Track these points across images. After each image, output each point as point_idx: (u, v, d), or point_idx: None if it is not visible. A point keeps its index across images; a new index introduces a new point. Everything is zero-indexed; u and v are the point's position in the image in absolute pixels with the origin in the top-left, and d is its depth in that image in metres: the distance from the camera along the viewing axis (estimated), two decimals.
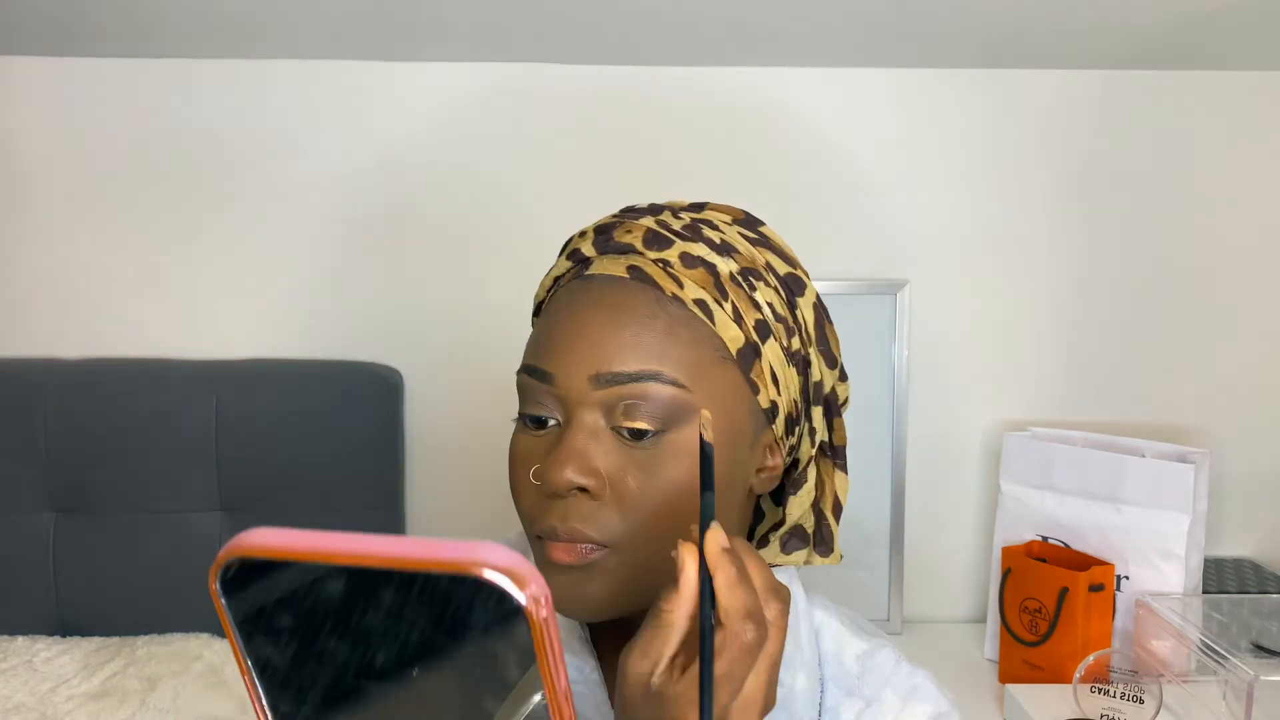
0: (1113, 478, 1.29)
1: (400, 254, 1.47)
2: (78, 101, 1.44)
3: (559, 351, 0.55)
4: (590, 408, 0.54)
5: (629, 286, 0.56)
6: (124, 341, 1.47)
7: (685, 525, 0.53)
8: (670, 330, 0.54)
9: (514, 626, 0.32)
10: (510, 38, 1.34)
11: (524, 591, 0.31)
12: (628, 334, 0.54)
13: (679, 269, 0.56)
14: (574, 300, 0.57)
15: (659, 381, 0.53)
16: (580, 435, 0.53)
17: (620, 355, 0.53)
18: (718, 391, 0.55)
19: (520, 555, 0.32)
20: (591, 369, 0.53)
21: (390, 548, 0.32)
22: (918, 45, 1.37)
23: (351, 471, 1.39)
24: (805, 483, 0.62)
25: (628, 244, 0.57)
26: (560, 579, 0.54)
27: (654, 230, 0.57)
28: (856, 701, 0.62)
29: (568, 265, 0.60)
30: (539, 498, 0.55)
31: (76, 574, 1.37)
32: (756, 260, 0.58)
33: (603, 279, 0.57)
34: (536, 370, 0.56)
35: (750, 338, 0.56)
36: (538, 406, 0.56)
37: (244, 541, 0.33)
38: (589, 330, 0.54)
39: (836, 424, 0.63)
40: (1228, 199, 1.49)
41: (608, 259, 0.58)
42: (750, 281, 0.57)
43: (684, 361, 0.54)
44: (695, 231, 0.58)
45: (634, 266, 0.56)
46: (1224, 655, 1.08)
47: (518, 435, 0.58)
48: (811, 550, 0.63)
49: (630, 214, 0.61)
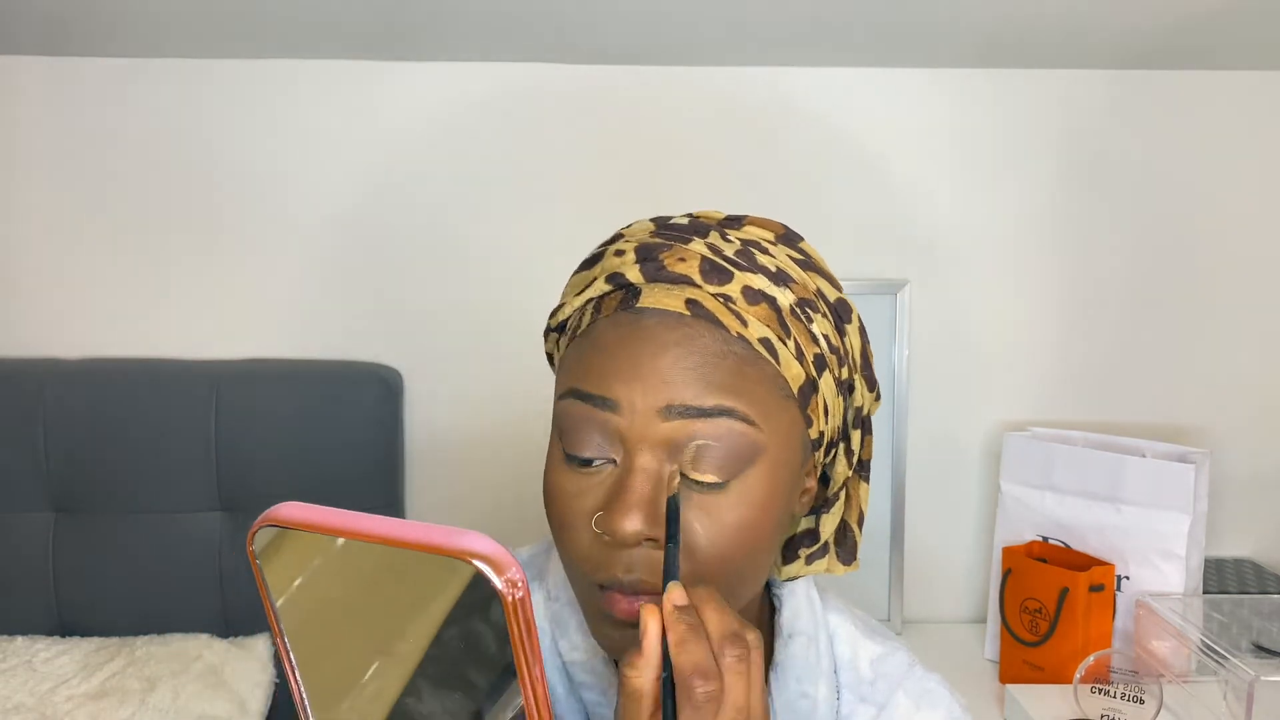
0: (1113, 478, 1.29)
1: (400, 254, 1.47)
2: (78, 101, 1.44)
3: (622, 380, 0.51)
4: (654, 446, 0.51)
5: (691, 325, 0.52)
6: (124, 341, 1.47)
7: (746, 567, 0.53)
8: (739, 369, 0.52)
9: (494, 609, 0.36)
10: (510, 38, 1.34)
11: (501, 577, 0.36)
12: (697, 371, 0.51)
13: (742, 305, 0.53)
14: (629, 334, 0.53)
15: (733, 418, 0.51)
16: (644, 478, 0.51)
17: (693, 389, 0.51)
18: (782, 431, 0.53)
19: (500, 546, 0.37)
20: (662, 400, 0.50)
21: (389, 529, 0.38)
22: (918, 45, 1.37)
23: (351, 471, 1.39)
24: (837, 500, 0.61)
25: (683, 275, 0.53)
26: (625, 633, 0.52)
27: (709, 260, 0.54)
28: (870, 707, 0.62)
29: (607, 288, 0.55)
30: (599, 545, 0.52)
31: (76, 574, 1.37)
32: (809, 288, 0.56)
33: (659, 314, 0.53)
34: (594, 397, 0.52)
35: (810, 374, 0.54)
36: (590, 444, 0.52)
37: (276, 513, 0.40)
38: (653, 364, 0.51)
39: (867, 440, 0.62)
40: (1228, 199, 1.49)
41: (660, 290, 0.53)
42: (808, 314, 0.55)
43: (754, 400, 0.52)
44: (749, 259, 0.55)
45: (694, 301, 0.53)
46: (1224, 655, 1.08)
47: (560, 471, 0.54)
48: (833, 559, 0.63)
49: (673, 232, 0.56)
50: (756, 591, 0.57)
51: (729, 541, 0.52)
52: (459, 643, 0.39)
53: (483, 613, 0.37)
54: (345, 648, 0.42)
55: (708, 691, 0.44)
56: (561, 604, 0.64)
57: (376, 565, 0.39)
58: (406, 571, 0.38)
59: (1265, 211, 1.49)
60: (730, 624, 0.47)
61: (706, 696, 0.44)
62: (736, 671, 0.45)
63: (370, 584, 0.40)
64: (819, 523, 0.62)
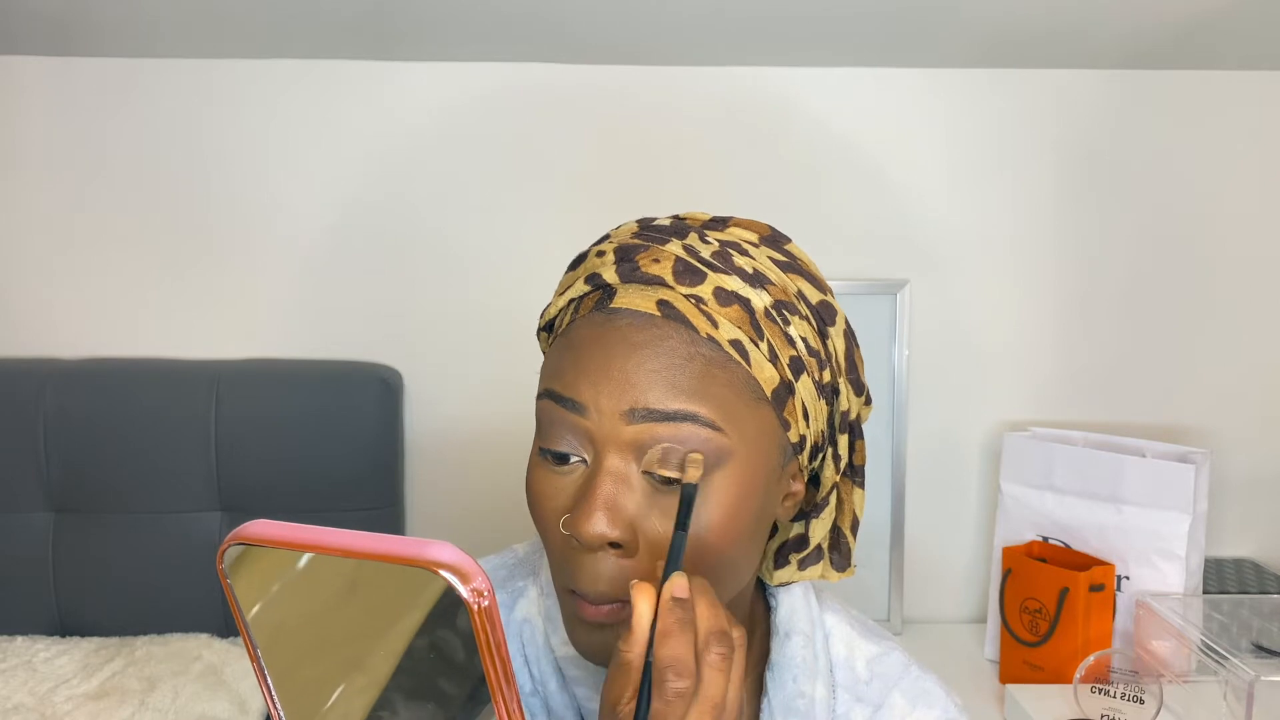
0: (1113, 478, 1.28)
1: (400, 254, 1.47)
2: (78, 101, 1.44)
3: (589, 382, 0.52)
4: (621, 448, 0.51)
5: (661, 325, 0.52)
6: (124, 341, 1.47)
7: (720, 569, 0.53)
8: (707, 372, 0.52)
9: (461, 618, 0.37)
10: (510, 38, 1.34)
11: (467, 586, 0.36)
12: (663, 373, 0.51)
13: (713, 307, 0.53)
14: (601, 334, 0.53)
15: (696, 423, 0.51)
16: (610, 481, 0.51)
17: (656, 392, 0.51)
18: (751, 433, 0.53)
19: (466, 555, 0.37)
20: (626, 404, 0.51)
21: (356, 542, 0.38)
22: (919, 45, 1.37)
23: (351, 471, 1.39)
24: (827, 505, 0.61)
25: (656, 276, 0.53)
26: (594, 637, 0.53)
27: (684, 260, 0.54)
28: (866, 707, 0.62)
29: (586, 289, 0.56)
30: (568, 549, 0.53)
31: (76, 574, 1.37)
32: (789, 290, 0.55)
33: (631, 314, 0.53)
34: (564, 399, 0.53)
35: (785, 377, 0.54)
36: (562, 441, 0.53)
37: (244, 531, 0.40)
38: (622, 365, 0.52)
39: (858, 445, 0.61)
40: (1227, 199, 1.49)
41: (634, 290, 0.54)
42: (784, 315, 0.54)
43: (721, 403, 0.51)
44: (726, 260, 0.54)
45: (665, 302, 0.53)
46: (1224, 655, 1.08)
47: (539, 470, 0.55)
48: (827, 565, 0.63)
49: (653, 233, 0.56)
50: (734, 593, 0.57)
51: (697, 541, 0.52)
52: (430, 653, 0.39)
53: (451, 622, 0.38)
54: (319, 662, 0.42)
55: (678, 688, 0.45)
56: (554, 600, 0.64)
57: (346, 579, 0.39)
58: (376, 584, 0.39)
59: (1265, 211, 1.49)
60: (719, 621, 0.47)
61: (676, 693, 0.44)
62: (718, 669, 0.46)
63: (341, 598, 0.40)
64: (809, 528, 0.61)
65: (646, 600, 0.46)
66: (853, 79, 1.46)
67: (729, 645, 0.46)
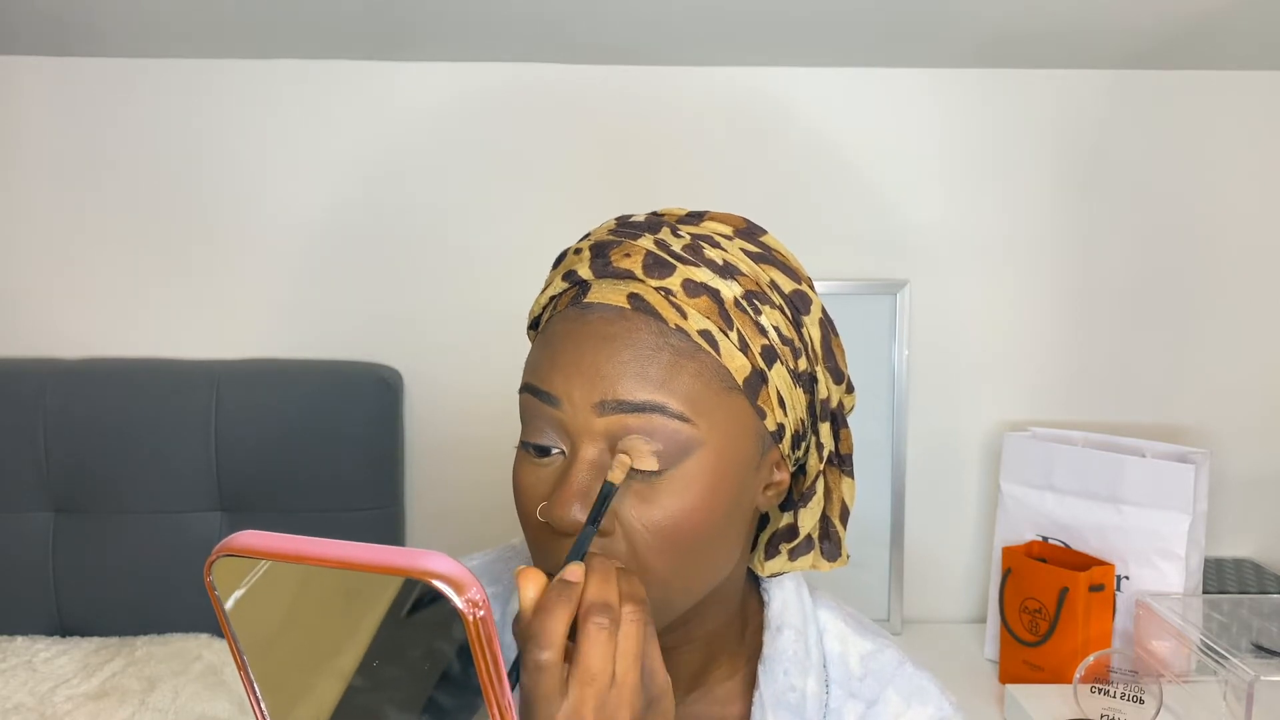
0: (1113, 478, 1.28)
1: (400, 254, 1.47)
2: (78, 101, 1.44)
3: (563, 376, 0.54)
4: (594, 438, 0.53)
5: (631, 318, 0.54)
6: (124, 341, 1.47)
7: (693, 557, 0.54)
8: (675, 363, 0.53)
9: (455, 628, 0.37)
10: (509, 38, 1.34)
11: (462, 597, 0.36)
12: (632, 365, 0.52)
13: (682, 298, 0.54)
14: (574, 329, 0.55)
15: (664, 414, 0.52)
16: (585, 470, 0.52)
17: (625, 384, 0.52)
18: (722, 423, 0.54)
19: (460, 565, 0.37)
20: (596, 396, 0.52)
21: (349, 553, 0.37)
22: (918, 45, 1.37)
23: (351, 471, 1.39)
24: (814, 494, 0.61)
25: (627, 270, 0.55)
26: None
27: (653, 254, 0.55)
28: (859, 703, 0.62)
29: (564, 285, 0.58)
30: (546, 535, 0.54)
31: (76, 574, 1.37)
32: (760, 279, 0.56)
33: (602, 308, 0.55)
34: (540, 392, 0.55)
35: (756, 365, 0.55)
36: (542, 434, 0.55)
37: (232, 542, 0.39)
38: (593, 358, 0.53)
39: (843, 434, 0.62)
40: (1228, 199, 1.49)
41: (606, 285, 0.55)
42: (755, 305, 0.55)
43: (689, 394, 0.53)
44: (696, 252, 0.56)
45: (635, 295, 0.54)
46: (1224, 655, 1.08)
47: (521, 464, 0.56)
48: (818, 555, 0.63)
49: (627, 230, 0.58)
50: (715, 582, 0.57)
51: (668, 529, 0.52)
52: (424, 663, 0.39)
53: (445, 632, 0.38)
54: (309, 673, 0.42)
55: (539, 659, 0.44)
56: None
57: (337, 590, 0.39)
58: (368, 594, 0.39)
59: (1264, 211, 1.49)
60: (604, 594, 0.47)
61: (536, 664, 0.44)
62: (594, 640, 0.46)
63: (332, 609, 0.40)
64: (798, 517, 0.62)
65: (531, 583, 0.47)
66: (852, 79, 1.46)
67: (610, 616, 0.46)
